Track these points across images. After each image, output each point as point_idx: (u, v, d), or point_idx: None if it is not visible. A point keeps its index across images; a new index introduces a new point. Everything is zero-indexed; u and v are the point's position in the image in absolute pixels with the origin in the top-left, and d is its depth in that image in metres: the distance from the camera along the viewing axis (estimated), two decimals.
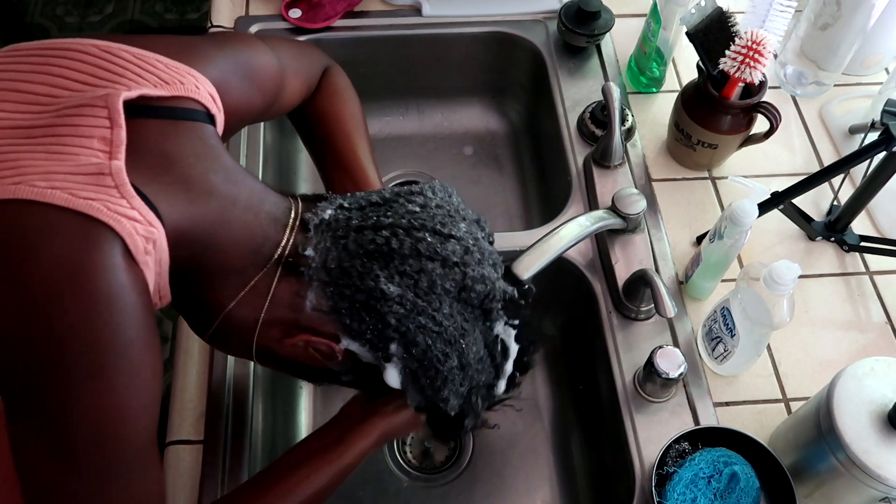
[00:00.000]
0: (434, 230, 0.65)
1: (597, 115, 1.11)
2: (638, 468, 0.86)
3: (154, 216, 0.56)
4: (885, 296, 1.00)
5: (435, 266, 0.64)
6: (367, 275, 0.63)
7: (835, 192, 1.07)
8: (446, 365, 0.65)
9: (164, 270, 0.60)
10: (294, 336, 0.65)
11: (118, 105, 0.58)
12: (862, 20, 1.06)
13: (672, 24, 1.08)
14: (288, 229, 0.65)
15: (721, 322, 0.88)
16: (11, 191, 0.52)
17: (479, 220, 0.71)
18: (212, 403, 0.88)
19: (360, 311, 0.64)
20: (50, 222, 0.52)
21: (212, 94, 0.67)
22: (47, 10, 2.50)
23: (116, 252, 0.53)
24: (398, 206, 0.67)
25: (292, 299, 0.65)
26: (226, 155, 0.66)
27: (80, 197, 0.53)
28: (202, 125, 0.65)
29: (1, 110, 0.57)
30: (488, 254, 0.69)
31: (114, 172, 0.55)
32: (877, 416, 0.72)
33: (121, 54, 0.62)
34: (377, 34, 1.23)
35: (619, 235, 0.98)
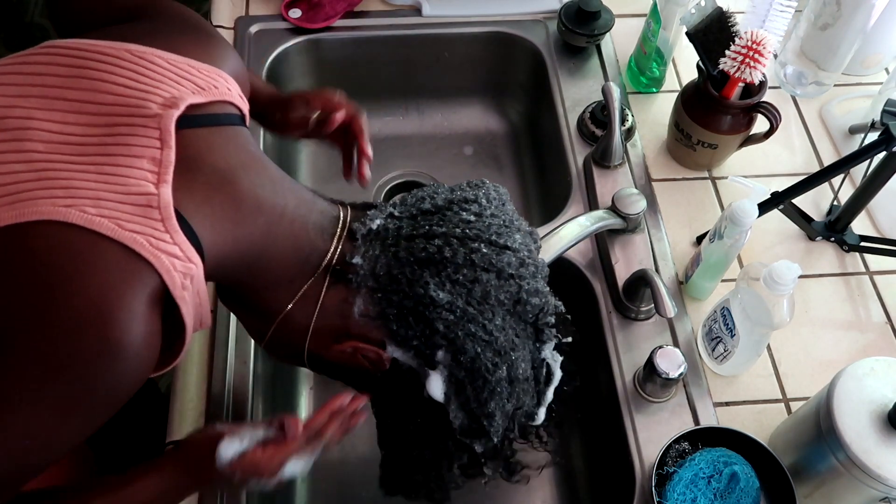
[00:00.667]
0: (489, 241, 0.65)
1: (597, 115, 1.11)
2: (638, 468, 0.86)
3: (194, 252, 0.57)
4: (885, 296, 1.00)
5: (490, 277, 0.64)
6: (417, 282, 0.63)
7: (835, 192, 1.07)
8: (495, 375, 0.64)
9: (203, 300, 0.61)
10: (343, 342, 0.66)
11: (170, 127, 0.59)
12: (862, 20, 1.06)
13: (672, 24, 1.08)
14: (335, 239, 0.66)
15: (721, 322, 0.88)
16: (63, 213, 0.53)
17: (532, 232, 0.71)
18: (212, 403, 0.88)
19: (408, 318, 0.64)
20: (94, 253, 0.53)
21: (240, 93, 0.68)
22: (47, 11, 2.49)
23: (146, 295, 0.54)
24: (451, 216, 0.66)
25: (340, 306, 0.65)
26: (270, 163, 0.66)
27: (126, 229, 0.54)
28: (241, 129, 0.66)
29: (51, 120, 0.58)
30: (541, 267, 0.68)
31: (162, 205, 0.56)
32: (877, 416, 0.72)
33: (154, 60, 0.63)
34: (377, 34, 1.23)
35: (619, 235, 0.98)
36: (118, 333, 0.53)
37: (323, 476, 1.03)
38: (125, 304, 0.53)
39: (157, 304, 0.56)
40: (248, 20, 1.21)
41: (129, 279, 0.54)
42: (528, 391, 0.69)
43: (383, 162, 1.30)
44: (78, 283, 0.52)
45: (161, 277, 0.55)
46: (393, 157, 1.30)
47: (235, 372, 0.91)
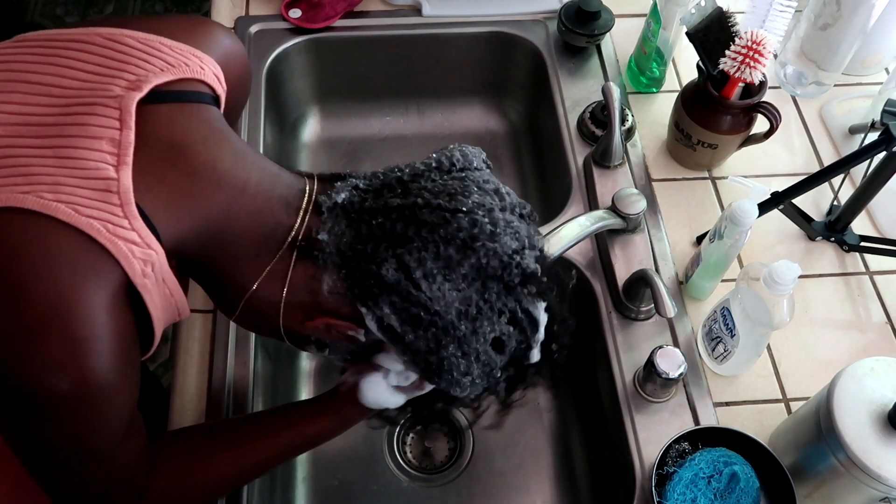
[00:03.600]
0: (439, 206, 0.62)
1: (597, 115, 1.11)
2: (638, 468, 0.86)
3: (153, 237, 0.57)
4: (885, 296, 1.00)
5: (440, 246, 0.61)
6: (372, 259, 0.61)
7: (835, 192, 1.07)
8: (440, 354, 0.63)
9: (172, 288, 0.61)
10: (315, 319, 0.65)
11: (131, 108, 0.58)
12: (862, 20, 1.06)
13: (672, 24, 1.08)
14: (301, 212, 0.64)
15: (721, 322, 0.88)
16: (20, 199, 0.53)
17: (498, 190, 0.66)
18: (212, 403, 0.88)
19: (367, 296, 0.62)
20: (50, 242, 0.53)
21: (216, 73, 0.67)
22: (47, 10, 2.49)
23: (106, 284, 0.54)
24: (414, 187, 0.64)
25: (309, 283, 0.64)
26: (234, 137, 0.65)
27: (84, 214, 0.54)
28: (207, 107, 0.65)
29: (11, 102, 0.58)
30: (504, 224, 0.63)
31: (121, 190, 0.55)
32: (877, 416, 0.72)
33: (125, 41, 0.62)
34: (377, 34, 1.23)
35: (619, 235, 0.98)
36: (81, 329, 0.53)
37: (323, 476, 1.03)
38: (82, 297, 0.53)
39: (121, 293, 0.56)
40: (248, 20, 1.21)
41: (86, 270, 0.54)
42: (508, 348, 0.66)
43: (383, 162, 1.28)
44: (32, 283, 0.52)
45: (120, 264, 0.55)
46: (393, 158, 1.30)
47: (235, 372, 0.91)
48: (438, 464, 1.05)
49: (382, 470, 1.04)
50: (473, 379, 0.65)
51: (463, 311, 0.62)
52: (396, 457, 1.05)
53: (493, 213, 0.63)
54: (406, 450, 1.06)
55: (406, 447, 1.06)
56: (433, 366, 0.63)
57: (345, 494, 1.02)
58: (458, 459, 1.05)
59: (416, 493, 1.03)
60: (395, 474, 1.04)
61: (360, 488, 1.03)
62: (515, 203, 0.67)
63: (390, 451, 1.05)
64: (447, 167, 0.66)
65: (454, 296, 0.61)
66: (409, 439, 1.07)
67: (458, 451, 1.05)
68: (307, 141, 1.31)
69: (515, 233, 0.64)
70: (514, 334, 0.65)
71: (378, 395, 0.70)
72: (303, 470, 1.03)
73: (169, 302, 0.61)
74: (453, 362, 0.63)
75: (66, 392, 0.53)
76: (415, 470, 1.04)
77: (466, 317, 0.62)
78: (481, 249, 0.61)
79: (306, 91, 1.29)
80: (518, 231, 0.64)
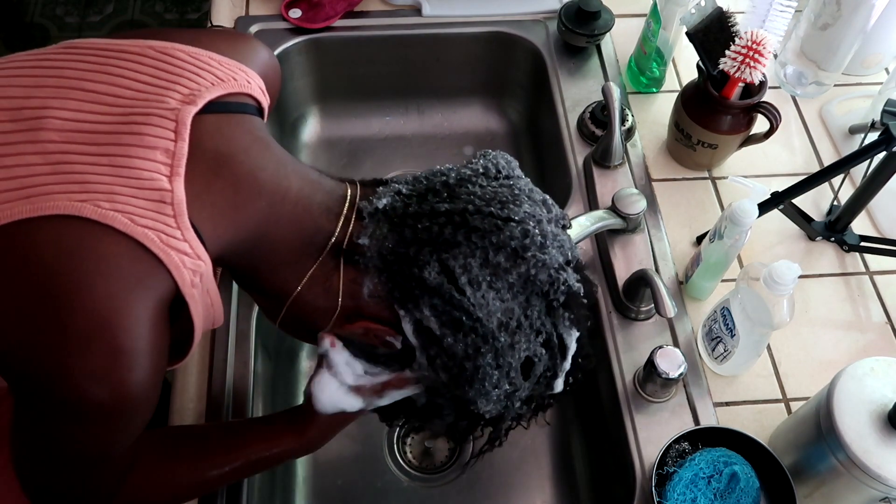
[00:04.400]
0: (491, 214, 0.62)
1: (597, 115, 1.11)
2: (638, 468, 0.86)
3: (202, 249, 0.58)
4: (885, 296, 1.00)
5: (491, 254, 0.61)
6: (416, 262, 0.61)
7: (835, 192, 1.07)
8: (475, 361, 0.62)
9: (214, 299, 0.62)
10: (354, 323, 0.65)
11: (187, 120, 0.59)
12: (862, 20, 1.06)
13: (672, 24, 1.08)
14: (341, 218, 0.64)
15: (721, 322, 0.88)
16: (77, 208, 0.53)
17: (545, 201, 0.67)
18: (212, 403, 0.88)
19: (408, 300, 0.62)
20: (103, 250, 0.54)
21: (261, 86, 0.69)
22: (47, 10, 2.49)
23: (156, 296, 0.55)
24: (460, 191, 0.64)
25: (350, 287, 0.64)
26: (276, 145, 0.66)
27: (139, 224, 0.55)
28: (252, 117, 0.66)
29: (66, 108, 0.58)
30: (552, 237, 0.64)
31: (175, 202, 0.56)
32: (877, 416, 0.72)
33: (177, 54, 0.64)
34: (377, 34, 1.23)
35: (619, 235, 0.98)
36: (127, 342, 0.54)
37: (323, 476, 1.03)
38: (132, 309, 0.54)
39: (166, 304, 0.57)
40: (248, 20, 1.21)
41: (137, 281, 0.54)
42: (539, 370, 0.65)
43: (383, 162, 1.30)
44: (84, 291, 0.53)
45: (171, 275, 0.56)
46: (393, 157, 1.30)
47: (235, 372, 0.91)
48: (438, 464, 1.05)
49: (382, 470, 1.04)
50: (500, 395, 0.64)
51: (504, 322, 0.62)
52: (396, 457, 1.05)
53: (543, 225, 0.64)
54: (406, 450, 1.06)
55: (406, 447, 1.06)
56: (467, 372, 0.62)
57: (345, 494, 1.02)
58: (458, 459, 1.05)
59: (416, 493, 1.03)
60: (395, 474, 1.04)
61: (361, 488, 1.03)
62: (559, 214, 0.68)
63: (390, 451, 1.05)
64: (493, 174, 0.66)
65: (497, 305, 0.61)
66: (409, 439, 1.07)
67: (458, 451, 1.06)
68: (307, 141, 1.31)
69: (561, 246, 0.64)
70: (545, 359, 0.64)
71: (331, 396, 0.67)
72: (303, 470, 1.03)
73: (209, 311, 0.62)
74: (488, 372, 0.62)
75: (101, 402, 0.54)
76: (415, 470, 1.04)
77: (507, 329, 0.62)
78: (531, 260, 0.61)
79: (306, 91, 1.29)
80: (563, 244, 0.65)
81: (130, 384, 0.55)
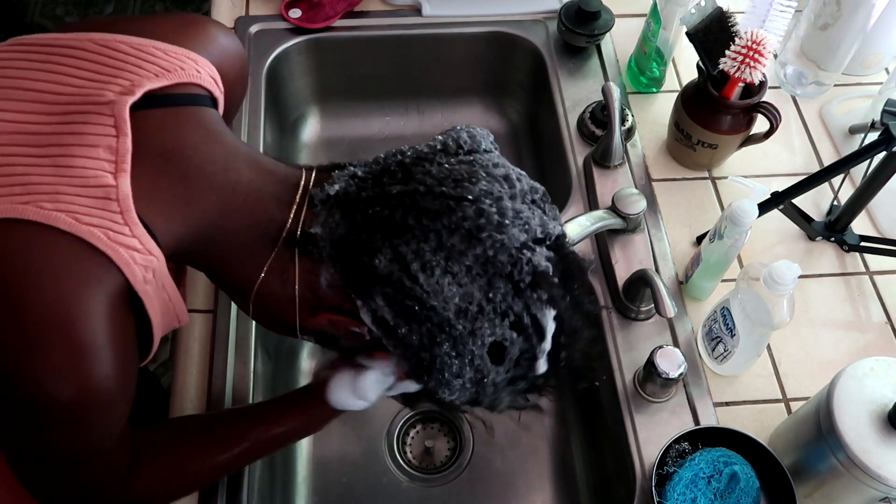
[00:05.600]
0: (443, 194, 0.58)
1: (597, 115, 1.11)
2: (638, 468, 0.86)
3: (153, 243, 0.57)
4: (885, 296, 1.00)
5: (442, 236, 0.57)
6: (366, 250, 0.58)
7: (835, 192, 1.07)
8: (434, 351, 0.59)
9: (172, 294, 0.61)
10: (318, 315, 0.64)
11: (124, 113, 0.58)
12: (862, 20, 1.06)
13: (672, 24, 1.08)
14: (294, 208, 0.62)
15: (721, 322, 0.88)
16: (19, 210, 0.52)
17: (507, 176, 0.62)
18: (212, 403, 0.88)
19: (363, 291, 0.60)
20: (50, 251, 0.53)
21: (213, 75, 0.66)
22: (47, 10, 2.49)
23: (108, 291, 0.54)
24: (416, 171, 0.60)
25: (307, 278, 0.62)
26: (229, 136, 0.64)
27: (84, 223, 0.53)
28: (203, 109, 0.64)
29: (7, 110, 0.57)
30: (512, 215, 0.59)
31: (120, 197, 0.55)
32: (877, 416, 0.72)
33: (118, 47, 0.62)
34: (377, 34, 1.23)
35: (619, 235, 0.98)
36: (84, 337, 0.53)
37: (323, 476, 1.03)
38: (85, 306, 0.53)
39: (122, 300, 0.56)
40: (248, 20, 1.21)
41: (86, 278, 0.53)
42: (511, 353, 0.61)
43: None
44: (35, 292, 0.52)
45: (121, 271, 0.55)
46: None
47: (235, 372, 0.91)
48: (438, 464, 1.05)
49: (382, 470, 1.04)
50: (464, 383, 0.61)
51: (462, 308, 0.58)
52: (396, 457, 1.05)
53: (502, 202, 0.59)
54: (406, 450, 1.06)
55: (406, 447, 1.06)
56: (424, 363, 0.60)
57: (345, 494, 1.02)
58: (458, 459, 1.05)
59: (416, 493, 1.03)
60: (395, 474, 1.04)
61: (361, 488, 1.02)
62: (527, 188, 0.63)
63: (390, 450, 1.05)
64: (454, 150, 0.62)
65: (454, 291, 0.57)
66: (409, 439, 1.07)
67: (458, 451, 1.06)
68: (307, 141, 1.31)
69: (525, 224, 0.60)
70: (518, 342, 0.60)
71: (344, 399, 0.68)
72: (303, 470, 1.03)
73: (168, 307, 0.61)
74: (446, 362, 0.59)
75: (68, 400, 0.53)
76: (415, 470, 1.04)
77: (465, 315, 0.58)
78: (487, 241, 0.57)
79: (306, 91, 1.29)
80: (528, 222, 0.60)
81: (95, 379, 0.54)
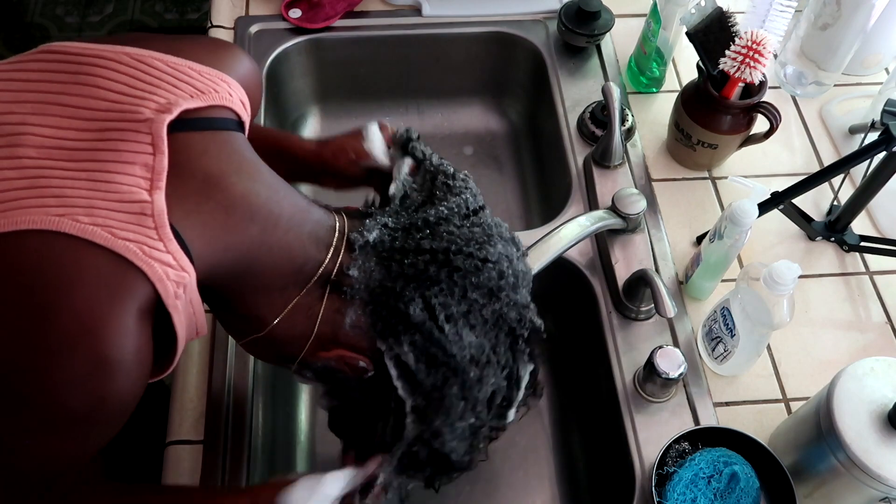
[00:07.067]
0: (471, 254, 0.65)
1: (597, 115, 1.11)
2: (638, 468, 0.86)
3: (187, 260, 0.57)
4: (885, 296, 1.00)
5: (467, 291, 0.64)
6: (401, 298, 0.63)
7: (835, 192, 1.07)
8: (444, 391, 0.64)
9: (197, 310, 0.61)
10: (330, 350, 0.66)
11: (162, 132, 0.58)
12: (862, 20, 1.06)
13: (672, 24, 1.08)
14: (331, 249, 0.65)
15: (721, 322, 0.88)
16: (56, 223, 0.52)
17: (513, 239, 0.71)
18: (212, 403, 0.88)
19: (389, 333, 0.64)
20: (84, 263, 0.53)
21: (243, 99, 0.68)
22: (47, 10, 2.49)
23: (138, 306, 0.54)
24: (440, 228, 0.66)
25: (331, 316, 0.65)
26: (266, 168, 0.65)
27: (119, 237, 0.54)
28: (237, 135, 0.65)
29: (45, 125, 0.57)
30: (522, 276, 0.68)
31: (155, 213, 0.55)
32: (877, 416, 0.72)
33: (153, 63, 0.62)
34: (377, 34, 1.23)
35: (619, 235, 0.98)
36: (109, 350, 0.53)
37: None
38: (115, 318, 0.53)
39: (149, 315, 0.56)
40: (248, 20, 1.21)
41: (119, 291, 0.53)
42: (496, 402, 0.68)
43: None
44: (66, 299, 0.52)
45: (154, 286, 0.55)
46: None
47: (235, 372, 0.91)
48: None
49: None
50: (465, 429, 0.66)
51: (476, 357, 0.64)
52: None
53: (514, 264, 0.68)
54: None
55: None
56: (434, 402, 0.65)
57: None
58: None
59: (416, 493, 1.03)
60: None
61: None
62: (523, 248, 0.71)
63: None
64: (465, 212, 0.69)
65: (471, 341, 0.64)
66: None
67: None
68: None
69: (529, 283, 0.69)
70: (504, 391, 0.68)
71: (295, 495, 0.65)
72: (303, 469, 1.03)
73: (192, 321, 0.61)
74: (454, 403, 0.64)
75: (77, 410, 0.53)
76: None
77: (477, 364, 0.65)
78: (504, 299, 0.65)
79: (306, 91, 1.29)
80: (530, 283, 0.69)
81: (108, 394, 0.54)
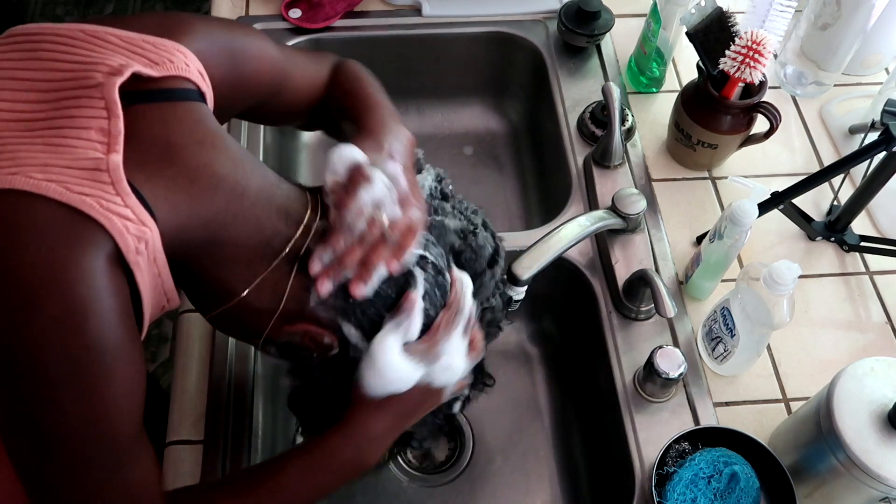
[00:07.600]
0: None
1: (597, 115, 1.11)
2: (638, 468, 0.86)
3: (148, 215, 0.56)
4: (885, 296, 1.00)
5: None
6: None
7: (835, 192, 1.07)
8: None
9: (162, 270, 0.60)
10: (294, 324, 0.66)
11: (114, 95, 0.58)
12: (862, 20, 1.06)
13: (672, 24, 1.08)
14: (302, 227, 0.65)
15: (721, 322, 0.88)
16: (8, 181, 0.52)
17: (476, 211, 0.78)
18: (212, 403, 0.88)
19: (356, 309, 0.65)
20: (41, 216, 0.52)
21: (200, 70, 0.67)
22: (47, 10, 2.50)
23: (101, 253, 0.53)
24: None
25: (298, 292, 0.65)
26: (231, 142, 0.65)
27: (74, 191, 0.53)
28: (198, 105, 0.64)
29: (3, 100, 0.58)
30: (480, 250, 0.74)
31: (111, 168, 0.55)
32: (877, 416, 0.72)
33: (107, 37, 0.62)
34: (377, 34, 1.23)
35: (619, 235, 0.98)
36: (75, 294, 0.52)
37: None
38: (75, 266, 0.52)
39: (115, 265, 0.55)
40: (248, 20, 1.21)
41: (78, 242, 0.53)
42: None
43: None
44: (24, 254, 0.51)
45: (114, 240, 0.54)
46: None
47: (235, 372, 0.91)
48: (438, 464, 1.05)
49: (382, 470, 1.04)
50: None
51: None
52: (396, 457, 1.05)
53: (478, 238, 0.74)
54: (406, 450, 1.06)
55: None
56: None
57: (345, 494, 1.02)
58: (458, 459, 1.05)
59: (416, 493, 1.03)
60: (395, 474, 1.04)
61: (360, 488, 1.02)
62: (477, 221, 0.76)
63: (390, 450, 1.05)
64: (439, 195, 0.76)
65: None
66: None
67: (458, 451, 1.05)
68: (307, 141, 1.31)
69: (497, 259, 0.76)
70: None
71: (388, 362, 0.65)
72: None
73: (157, 283, 0.60)
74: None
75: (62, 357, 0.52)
76: (415, 470, 1.04)
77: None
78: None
79: None
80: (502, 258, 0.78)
81: (90, 335, 0.53)
